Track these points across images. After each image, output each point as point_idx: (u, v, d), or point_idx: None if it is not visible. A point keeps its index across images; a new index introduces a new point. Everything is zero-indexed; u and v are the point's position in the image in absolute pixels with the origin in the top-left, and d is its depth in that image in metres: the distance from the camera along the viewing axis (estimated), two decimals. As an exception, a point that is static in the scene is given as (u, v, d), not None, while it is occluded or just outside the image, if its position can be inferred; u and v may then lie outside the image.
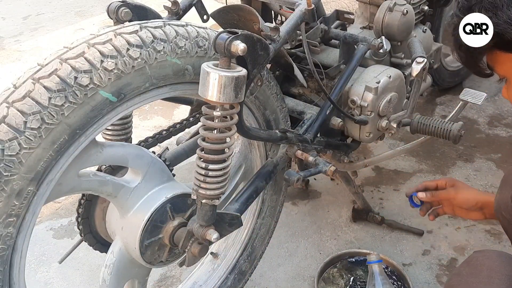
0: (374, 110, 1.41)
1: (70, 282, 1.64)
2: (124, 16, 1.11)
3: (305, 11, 1.20)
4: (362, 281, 1.61)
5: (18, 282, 0.91)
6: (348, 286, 1.60)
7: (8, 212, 0.83)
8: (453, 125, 1.44)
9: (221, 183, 1.01)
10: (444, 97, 2.48)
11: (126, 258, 1.12)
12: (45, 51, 3.06)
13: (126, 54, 0.89)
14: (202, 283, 1.40)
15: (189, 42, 0.98)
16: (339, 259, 1.67)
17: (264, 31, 1.12)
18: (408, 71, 1.52)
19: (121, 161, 1.04)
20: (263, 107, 1.22)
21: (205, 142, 0.98)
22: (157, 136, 1.31)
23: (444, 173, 2.03)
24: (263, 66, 1.07)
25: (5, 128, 0.81)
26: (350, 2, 2.82)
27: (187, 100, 1.46)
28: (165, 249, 1.12)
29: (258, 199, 1.39)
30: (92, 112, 0.87)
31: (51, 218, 1.88)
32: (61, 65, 0.85)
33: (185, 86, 1.03)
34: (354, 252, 1.69)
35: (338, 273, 1.65)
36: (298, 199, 1.94)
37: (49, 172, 0.86)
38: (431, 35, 1.72)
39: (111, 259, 1.11)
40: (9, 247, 0.85)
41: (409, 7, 1.49)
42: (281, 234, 1.78)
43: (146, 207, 1.07)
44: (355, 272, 1.64)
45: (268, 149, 1.33)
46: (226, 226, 1.10)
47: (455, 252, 1.70)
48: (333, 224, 1.83)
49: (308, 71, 1.44)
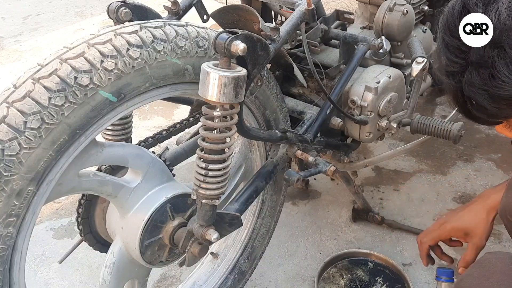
0: (374, 110, 1.41)
1: (70, 282, 1.64)
2: (124, 16, 1.11)
3: (305, 11, 1.20)
4: (362, 281, 1.61)
5: (18, 282, 0.91)
6: (348, 286, 1.60)
7: (8, 212, 0.83)
8: (453, 125, 1.44)
9: (221, 183, 1.01)
10: (444, 97, 2.48)
11: (126, 258, 1.12)
12: (45, 51, 3.06)
13: (126, 54, 0.89)
14: (202, 283, 1.40)
15: (189, 42, 0.98)
16: (339, 259, 1.67)
17: (264, 31, 1.12)
18: (408, 71, 1.52)
19: (121, 161, 1.04)
20: (263, 107, 1.22)
21: (205, 142, 0.98)
22: (157, 136, 1.31)
23: (444, 173, 2.04)
24: (263, 66, 1.07)
25: (5, 128, 0.81)
26: (350, 2, 2.82)
27: (187, 100, 1.46)
28: (165, 249, 1.12)
29: (258, 199, 1.39)
30: (92, 112, 0.87)
31: (51, 218, 1.88)
32: (61, 65, 0.85)
33: (185, 86, 1.03)
34: (354, 252, 1.69)
35: (338, 273, 1.65)
36: (298, 199, 1.95)
37: (49, 172, 0.86)
38: (431, 35, 1.72)
39: (111, 259, 1.11)
40: (9, 247, 0.85)
41: (409, 7, 1.49)
42: (281, 234, 1.78)
43: (146, 207, 1.07)
44: (355, 272, 1.64)
45: (268, 149, 1.33)
46: (226, 226, 1.10)
47: (455, 252, 1.70)
48: (333, 224, 1.83)
49: (308, 71, 1.44)
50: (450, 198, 1.92)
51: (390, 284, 1.59)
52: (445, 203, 1.90)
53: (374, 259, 1.67)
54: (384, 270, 1.64)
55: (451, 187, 1.98)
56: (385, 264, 1.64)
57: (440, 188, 1.97)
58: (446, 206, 1.89)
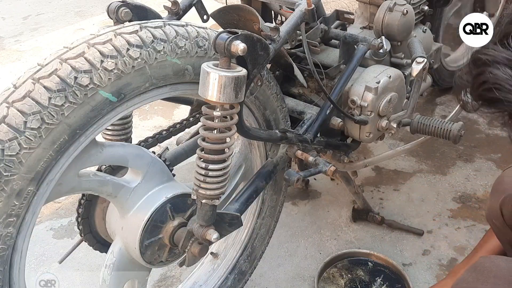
0: (374, 110, 1.41)
1: (70, 282, 1.64)
2: (124, 16, 1.11)
3: (305, 11, 1.20)
4: (362, 281, 1.61)
5: (18, 282, 0.91)
6: (348, 286, 1.60)
7: (8, 212, 0.83)
8: (453, 125, 1.44)
9: (221, 183, 1.01)
10: (444, 97, 2.49)
11: (126, 258, 1.12)
12: (45, 51, 3.06)
13: (126, 54, 0.89)
14: (202, 283, 1.40)
15: (189, 42, 0.98)
16: (339, 259, 1.67)
17: (264, 31, 1.12)
18: (408, 71, 1.52)
19: (121, 161, 1.04)
20: (263, 107, 1.22)
21: (205, 142, 0.98)
22: (157, 136, 1.31)
23: (444, 173, 2.04)
24: (263, 66, 1.07)
25: (5, 128, 0.81)
26: (350, 2, 2.82)
27: (187, 100, 1.46)
28: (165, 249, 1.12)
29: (258, 199, 1.39)
30: (92, 112, 0.87)
31: (51, 218, 1.88)
32: (61, 65, 0.85)
33: (185, 86, 1.03)
34: (354, 252, 1.69)
35: (338, 273, 1.65)
36: (298, 199, 1.95)
37: (49, 172, 0.86)
38: (431, 35, 1.72)
39: (111, 259, 1.11)
40: (9, 247, 0.85)
41: (409, 7, 1.49)
42: (281, 234, 1.78)
43: (146, 207, 1.07)
44: (355, 272, 1.64)
45: (268, 149, 1.33)
46: (226, 226, 1.10)
47: (455, 252, 1.70)
48: (333, 224, 1.83)
49: (308, 71, 1.44)
50: (450, 198, 1.92)
51: (390, 284, 1.59)
52: (445, 203, 1.90)
53: (374, 259, 1.67)
54: (384, 270, 1.64)
55: (451, 187, 1.98)
56: (385, 264, 1.64)
57: (440, 188, 1.98)
58: (446, 206, 1.89)
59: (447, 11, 2.09)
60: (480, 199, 1.91)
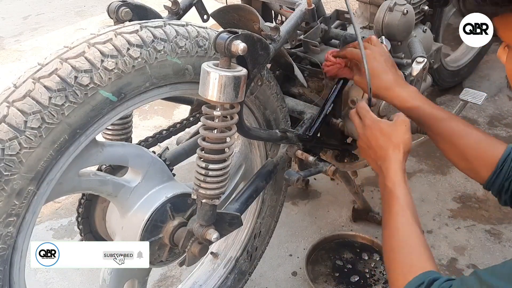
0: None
1: (70, 282, 1.64)
2: (124, 15, 1.11)
3: (305, 11, 1.20)
4: (348, 261, 1.68)
5: (18, 282, 0.91)
6: (336, 266, 1.67)
7: (8, 212, 0.83)
8: (453, 125, 1.43)
9: (221, 183, 1.01)
10: (444, 97, 2.49)
11: (126, 257, 1.11)
12: (45, 51, 3.06)
13: (126, 53, 0.89)
14: (202, 283, 1.40)
15: (189, 41, 0.98)
16: (327, 241, 1.75)
17: (264, 31, 1.12)
18: (408, 71, 1.52)
19: (121, 161, 1.04)
20: (263, 107, 1.22)
21: (205, 142, 0.98)
22: (157, 136, 1.31)
23: (444, 173, 2.04)
24: (263, 66, 1.07)
25: (6, 127, 0.81)
26: (350, 2, 2.82)
27: (187, 100, 1.46)
28: (165, 248, 1.12)
29: (258, 199, 1.39)
30: (92, 111, 0.87)
31: (51, 218, 1.88)
32: (61, 64, 0.85)
33: (185, 86, 1.02)
34: (341, 234, 1.77)
35: (326, 254, 1.71)
36: (298, 199, 1.95)
37: (50, 171, 0.86)
38: (431, 35, 1.72)
39: (111, 259, 1.11)
40: (9, 246, 0.85)
41: (409, 7, 1.49)
42: (281, 234, 1.78)
43: (146, 207, 1.07)
44: (342, 253, 1.71)
45: (268, 149, 1.33)
46: (226, 226, 1.10)
47: (455, 252, 1.70)
48: (333, 224, 1.83)
49: (308, 71, 1.44)
50: (450, 198, 1.92)
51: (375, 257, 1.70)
52: (445, 203, 1.90)
53: (360, 240, 1.76)
54: (369, 249, 1.73)
55: (451, 187, 1.98)
56: (370, 245, 1.74)
57: (440, 188, 1.98)
58: (446, 206, 1.89)
59: (447, 11, 2.09)
60: (480, 199, 1.91)
